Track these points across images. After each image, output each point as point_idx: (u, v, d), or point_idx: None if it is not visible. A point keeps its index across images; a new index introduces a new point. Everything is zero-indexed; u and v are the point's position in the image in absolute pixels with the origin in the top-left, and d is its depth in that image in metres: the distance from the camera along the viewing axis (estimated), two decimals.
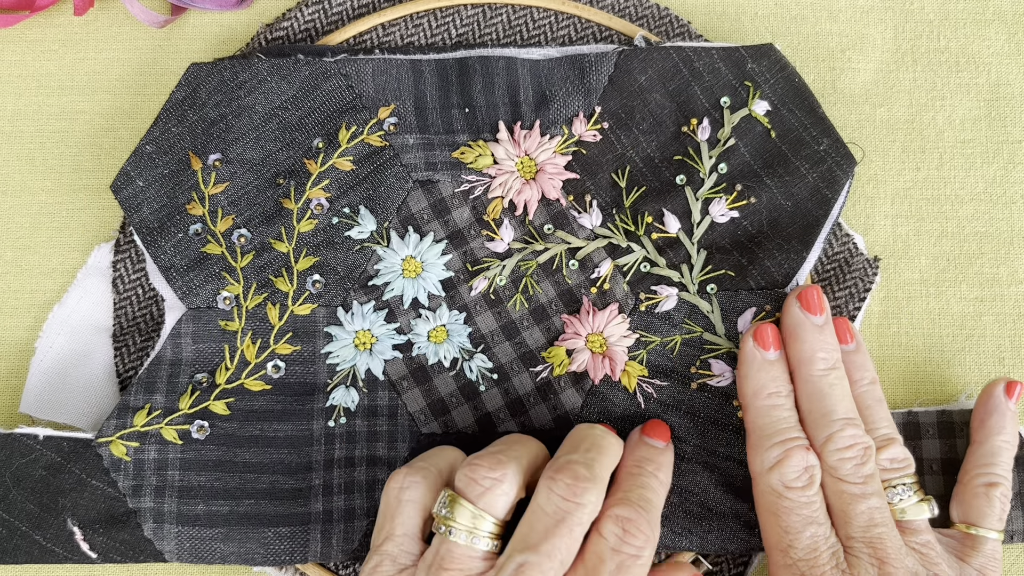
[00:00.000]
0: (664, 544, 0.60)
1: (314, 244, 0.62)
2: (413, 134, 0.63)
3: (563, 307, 0.62)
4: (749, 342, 0.59)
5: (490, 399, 0.61)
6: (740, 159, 0.62)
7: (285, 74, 0.62)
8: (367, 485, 0.60)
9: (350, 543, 0.59)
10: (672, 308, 0.61)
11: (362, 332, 0.61)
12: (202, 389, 0.60)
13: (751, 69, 0.63)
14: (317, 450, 0.60)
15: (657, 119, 0.63)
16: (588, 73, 0.63)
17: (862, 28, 0.69)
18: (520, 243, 0.62)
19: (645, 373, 0.61)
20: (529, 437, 0.57)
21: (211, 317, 0.61)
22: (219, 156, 0.62)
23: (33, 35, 0.69)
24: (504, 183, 0.62)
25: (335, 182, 0.62)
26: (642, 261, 0.62)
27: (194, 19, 0.69)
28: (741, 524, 0.60)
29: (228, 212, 0.61)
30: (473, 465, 0.53)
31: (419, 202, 0.62)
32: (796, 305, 0.59)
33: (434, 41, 0.67)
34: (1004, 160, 0.67)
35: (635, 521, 0.53)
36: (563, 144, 0.63)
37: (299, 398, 0.60)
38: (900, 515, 0.56)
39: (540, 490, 0.53)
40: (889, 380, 0.66)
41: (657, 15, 0.68)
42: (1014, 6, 0.69)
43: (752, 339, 0.59)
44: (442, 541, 0.52)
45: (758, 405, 0.57)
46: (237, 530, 0.59)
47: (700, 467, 0.60)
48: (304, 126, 0.62)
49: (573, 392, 0.61)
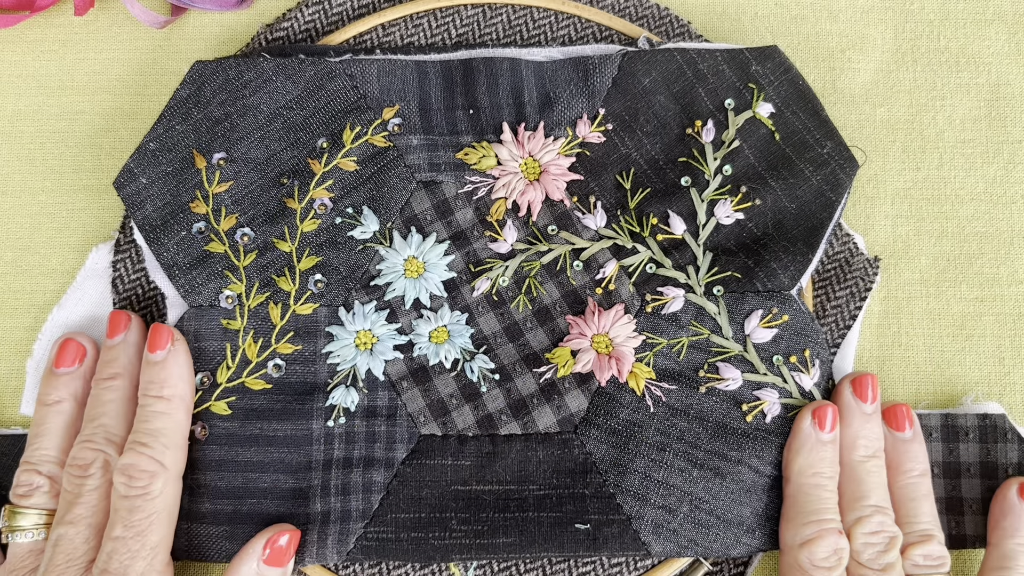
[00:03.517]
0: (666, 553, 0.59)
1: (317, 244, 0.61)
2: (417, 135, 0.63)
3: (567, 308, 0.62)
4: (807, 420, 0.59)
5: (491, 399, 0.61)
6: (744, 161, 0.62)
7: (290, 74, 0.62)
8: (363, 487, 0.60)
9: (345, 545, 0.59)
10: (679, 310, 0.61)
11: (363, 332, 0.61)
12: (204, 389, 0.60)
13: (755, 71, 0.63)
14: (316, 450, 0.60)
15: (661, 121, 0.63)
16: (592, 75, 0.63)
17: (862, 28, 0.69)
18: (524, 244, 0.62)
19: (653, 376, 0.61)
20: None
21: (213, 316, 0.61)
22: (223, 155, 0.62)
23: (33, 35, 0.69)
24: (508, 184, 0.62)
25: (339, 182, 0.62)
26: (648, 262, 0.62)
27: (194, 19, 0.69)
28: (744, 530, 0.60)
29: (231, 211, 0.61)
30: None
31: (422, 203, 0.62)
32: (849, 390, 0.60)
33: (434, 41, 0.67)
34: (1004, 160, 0.67)
35: (135, 464, 0.56)
36: (567, 146, 0.63)
37: (299, 397, 0.60)
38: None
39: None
40: (889, 380, 0.65)
41: (657, 15, 0.68)
42: (1014, 6, 0.69)
43: (811, 418, 0.59)
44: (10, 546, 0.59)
45: (803, 483, 0.59)
46: (240, 528, 0.59)
47: (711, 474, 0.60)
48: (308, 126, 0.62)
49: (578, 393, 0.61)
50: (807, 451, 0.59)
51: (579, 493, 0.60)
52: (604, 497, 0.60)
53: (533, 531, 0.59)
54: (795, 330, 0.61)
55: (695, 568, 0.62)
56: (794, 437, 0.60)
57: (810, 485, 0.58)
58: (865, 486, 0.59)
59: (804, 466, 0.59)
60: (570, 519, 0.59)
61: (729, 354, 0.61)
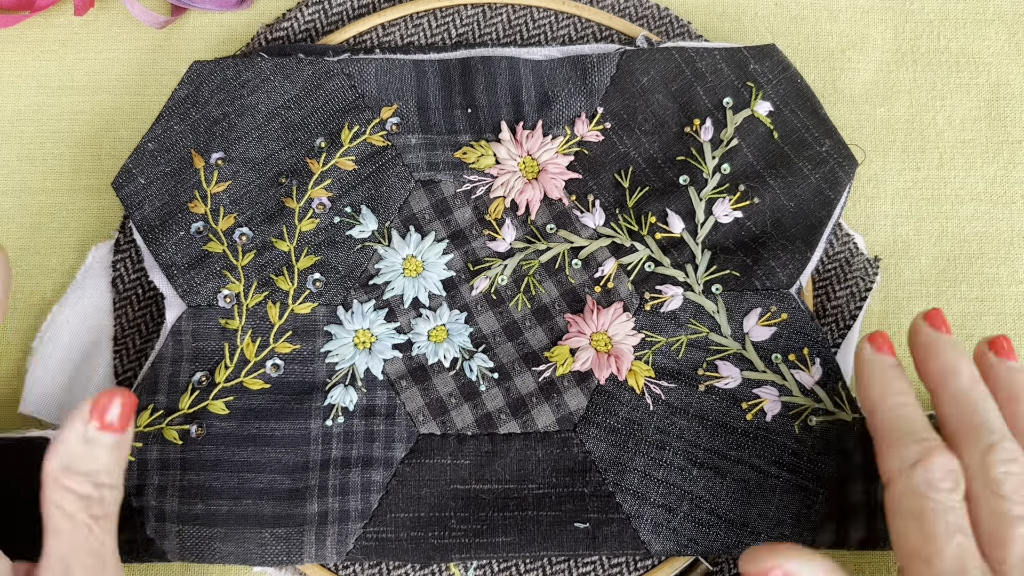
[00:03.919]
0: (666, 552, 0.59)
1: (315, 243, 0.61)
2: (415, 134, 0.63)
3: (566, 307, 0.62)
4: (867, 348, 0.56)
5: (490, 398, 0.61)
6: (743, 160, 0.62)
7: (288, 73, 0.62)
8: (362, 487, 0.60)
9: (344, 545, 0.59)
10: (678, 308, 0.61)
11: (362, 331, 0.61)
12: (201, 389, 0.60)
13: (754, 69, 0.63)
14: (314, 450, 0.60)
15: (659, 120, 0.63)
16: (590, 74, 0.63)
17: (862, 28, 0.69)
18: (522, 243, 0.62)
19: (652, 374, 0.61)
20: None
21: (211, 315, 0.61)
22: (221, 155, 0.62)
23: (33, 35, 0.69)
24: (506, 183, 0.62)
25: (337, 181, 0.62)
26: (646, 260, 0.62)
27: (194, 19, 0.69)
28: (748, 531, 0.59)
29: (230, 210, 0.61)
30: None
31: (421, 202, 0.62)
32: (925, 324, 0.56)
33: (434, 41, 0.67)
34: (1004, 160, 0.67)
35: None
36: (565, 144, 0.63)
37: (297, 397, 0.60)
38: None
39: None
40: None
41: (657, 15, 0.68)
42: (1014, 6, 0.70)
43: (869, 345, 0.56)
44: None
45: (886, 407, 0.54)
46: (235, 530, 0.59)
47: (712, 473, 0.60)
48: (306, 125, 0.62)
49: (577, 391, 0.61)
50: (879, 376, 0.55)
51: (578, 492, 0.60)
52: (603, 496, 0.59)
53: (532, 530, 0.59)
54: (794, 328, 0.61)
55: (695, 567, 0.62)
56: (860, 370, 0.56)
57: (895, 406, 0.53)
58: (983, 411, 0.52)
59: (882, 391, 0.54)
60: (569, 518, 0.59)
61: (728, 352, 0.61)
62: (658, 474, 0.59)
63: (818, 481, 0.59)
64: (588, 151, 0.63)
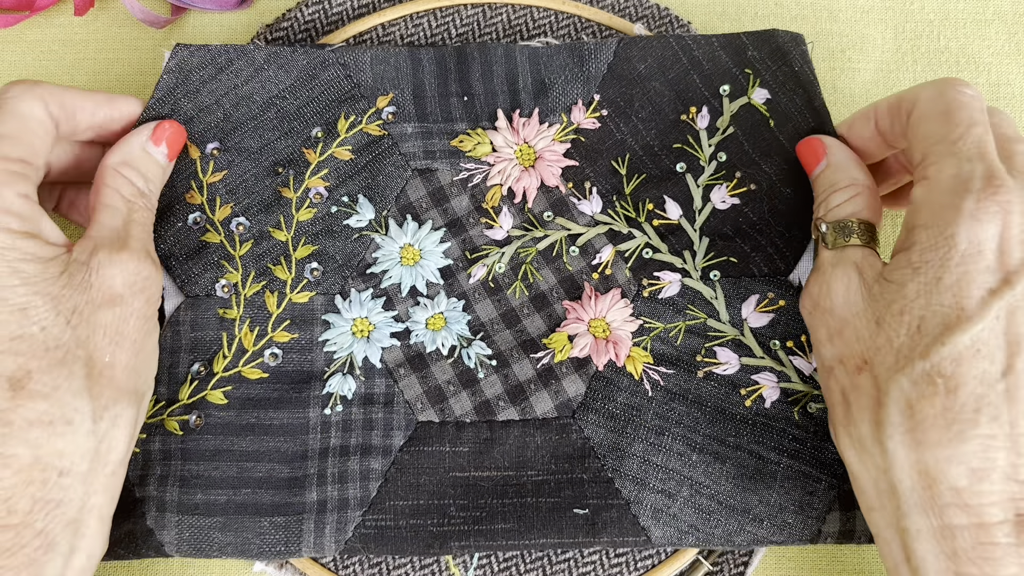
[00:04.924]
0: (669, 541, 0.59)
1: (313, 232, 0.61)
2: (412, 123, 0.63)
3: (564, 294, 0.62)
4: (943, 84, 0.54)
5: (489, 386, 0.61)
6: (739, 148, 0.62)
7: (283, 63, 0.63)
8: (361, 475, 0.59)
9: (343, 533, 0.59)
10: (675, 294, 0.61)
11: (360, 320, 0.61)
12: (200, 379, 0.60)
13: (751, 56, 0.63)
14: (313, 438, 0.59)
15: (656, 107, 0.63)
16: (587, 61, 0.63)
17: (862, 28, 0.70)
18: (519, 230, 0.62)
19: (650, 360, 0.60)
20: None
21: (209, 305, 0.61)
22: (217, 145, 0.62)
23: (33, 35, 0.69)
24: (503, 171, 0.62)
25: (334, 171, 0.62)
26: (644, 247, 0.61)
27: (194, 19, 0.70)
28: (750, 518, 0.59)
29: (227, 200, 0.61)
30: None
31: (417, 190, 0.62)
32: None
33: (434, 40, 0.67)
34: None
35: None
36: (562, 132, 0.63)
37: (296, 386, 0.60)
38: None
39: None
40: None
41: (657, 15, 0.68)
42: (1014, 6, 0.70)
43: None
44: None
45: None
46: (234, 519, 0.58)
47: (711, 458, 0.59)
48: (302, 115, 0.62)
49: (576, 378, 0.61)
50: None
51: (577, 478, 0.59)
52: (602, 482, 0.59)
53: (531, 516, 0.59)
54: (792, 315, 0.60)
55: (695, 568, 0.61)
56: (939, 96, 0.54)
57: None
58: (963, 107, 0.52)
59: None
60: (568, 504, 0.59)
61: (726, 338, 0.61)
62: (657, 459, 0.59)
63: (820, 467, 0.59)
64: (585, 138, 0.63)
